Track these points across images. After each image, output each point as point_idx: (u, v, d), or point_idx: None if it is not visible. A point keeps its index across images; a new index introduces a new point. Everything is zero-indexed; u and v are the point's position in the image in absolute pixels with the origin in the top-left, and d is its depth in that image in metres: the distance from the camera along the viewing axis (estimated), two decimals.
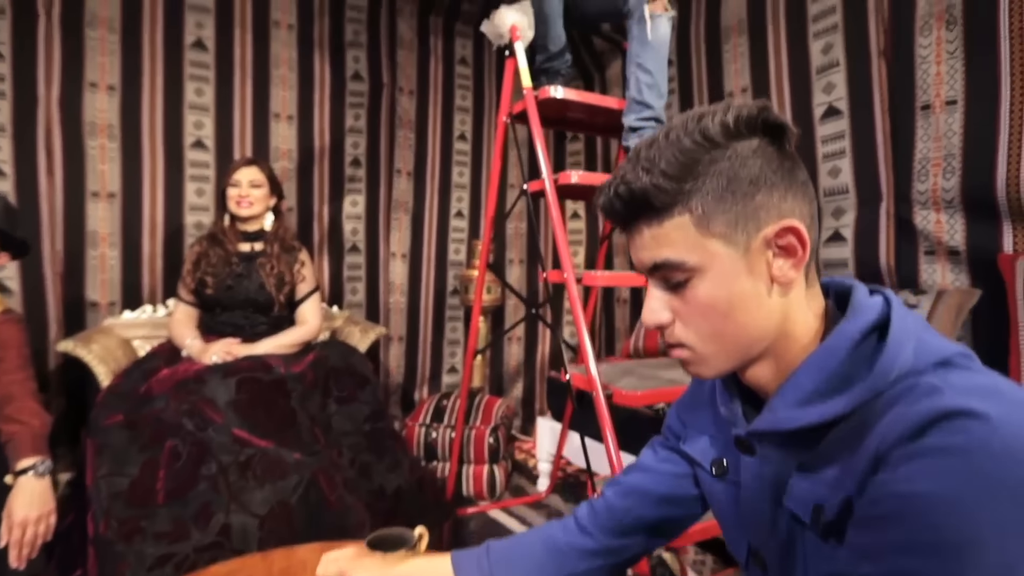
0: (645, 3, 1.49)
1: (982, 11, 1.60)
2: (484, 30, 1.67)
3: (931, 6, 1.71)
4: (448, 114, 3.04)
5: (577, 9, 1.69)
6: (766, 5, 2.16)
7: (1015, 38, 1.54)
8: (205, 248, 1.89)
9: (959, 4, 1.65)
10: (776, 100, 2.13)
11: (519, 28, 1.55)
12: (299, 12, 2.62)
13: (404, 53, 2.90)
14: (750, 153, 0.52)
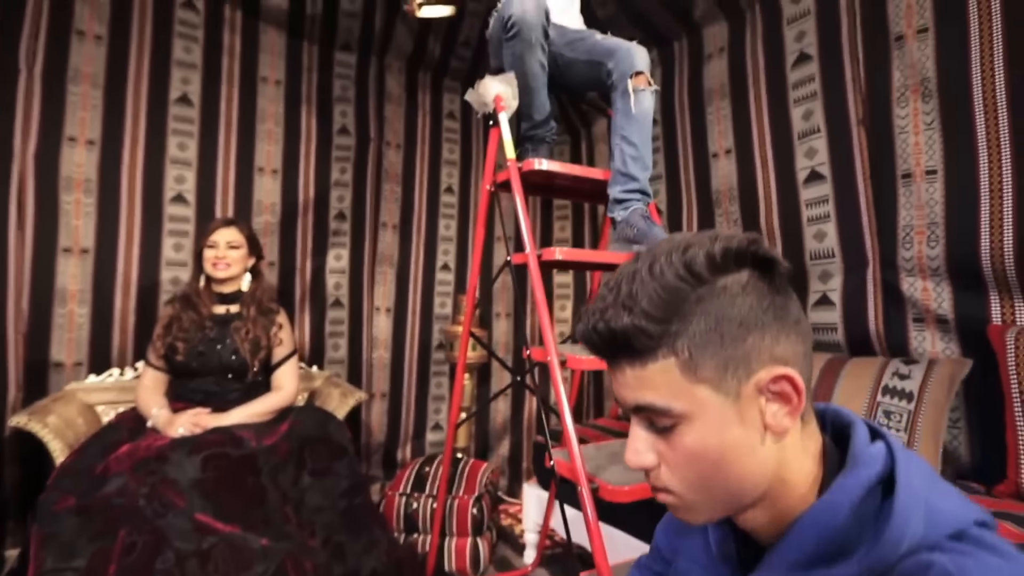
0: (628, 78, 1.50)
1: (955, 85, 1.64)
2: (468, 99, 1.67)
3: (906, 79, 1.75)
4: (435, 167, 3.04)
5: (562, 78, 1.70)
6: (747, 71, 2.21)
7: (989, 112, 1.57)
8: (177, 311, 1.82)
9: (933, 78, 1.69)
10: (760, 162, 2.16)
11: (503, 98, 1.55)
12: (287, 68, 2.64)
13: (392, 107, 2.92)
14: (739, 290, 0.49)
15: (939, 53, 1.68)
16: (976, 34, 1.60)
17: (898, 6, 1.77)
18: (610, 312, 0.49)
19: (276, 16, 2.57)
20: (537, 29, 1.49)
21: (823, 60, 1.96)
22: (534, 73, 1.56)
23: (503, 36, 1.53)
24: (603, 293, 0.52)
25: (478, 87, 1.61)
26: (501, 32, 1.54)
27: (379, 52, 2.86)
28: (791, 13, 2.07)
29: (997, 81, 1.56)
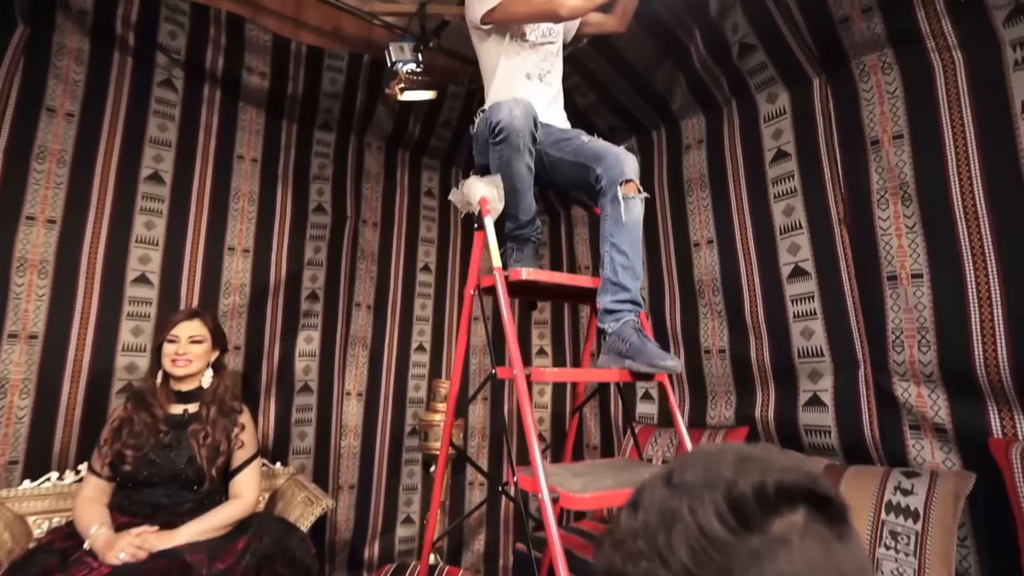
0: (618, 185, 1.49)
1: (934, 191, 1.67)
2: (452, 199, 1.63)
3: (885, 182, 1.78)
4: (412, 245, 2.98)
5: (547, 176, 1.68)
6: (726, 164, 2.24)
7: (970, 218, 1.60)
8: (129, 412, 1.66)
9: (912, 183, 1.72)
10: (742, 254, 2.15)
11: (489, 201, 1.51)
12: (265, 146, 2.59)
13: (370, 185, 2.89)
14: (798, 539, 0.41)
15: (915, 159, 1.72)
16: (950, 142, 1.65)
17: (872, 112, 1.83)
18: (643, 566, 0.41)
19: (256, 96, 2.55)
20: (526, 135, 1.47)
21: (801, 159, 2.00)
22: (521, 176, 1.53)
23: (490, 139, 1.51)
24: (628, 531, 0.43)
25: (463, 187, 1.57)
26: (488, 135, 1.52)
27: (359, 131, 2.85)
28: (767, 111, 2.12)
29: (976, 189, 1.59)
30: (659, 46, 2.24)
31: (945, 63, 1.68)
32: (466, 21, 1.86)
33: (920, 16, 1.71)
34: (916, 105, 1.73)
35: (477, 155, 1.74)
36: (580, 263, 2.86)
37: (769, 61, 2.04)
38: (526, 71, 1.78)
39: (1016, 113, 1.54)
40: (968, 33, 1.63)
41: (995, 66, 1.58)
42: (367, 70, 2.67)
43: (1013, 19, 1.56)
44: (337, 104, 2.71)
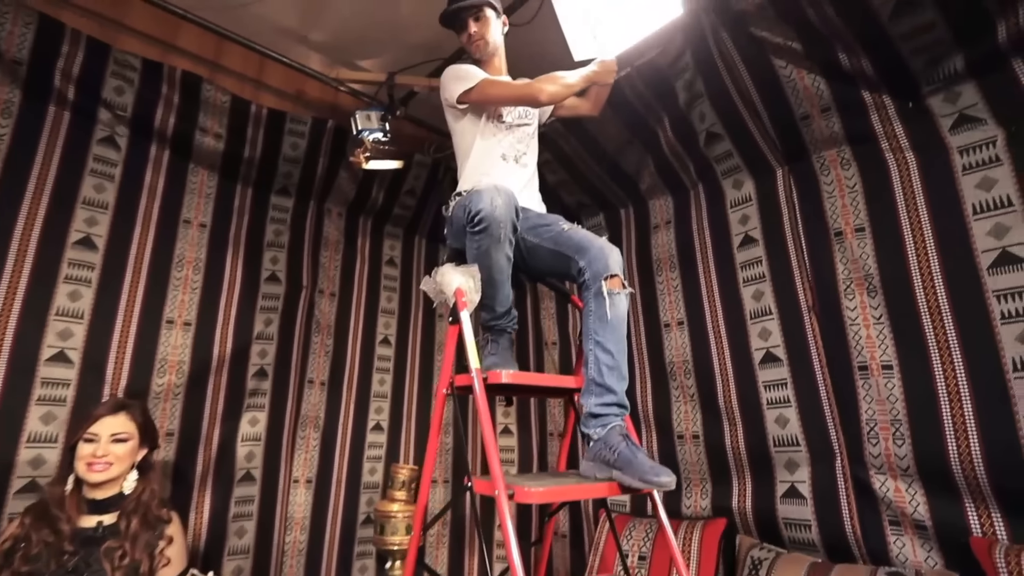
0: (603, 279, 1.44)
1: (898, 284, 1.72)
2: (425, 288, 1.53)
3: (850, 272, 1.83)
4: (371, 317, 2.83)
5: (524, 263, 1.61)
6: (694, 246, 2.27)
7: (933, 312, 1.64)
8: (26, 529, 1.40)
9: (876, 275, 1.77)
10: (713, 337, 2.14)
11: (465, 292, 1.42)
12: (216, 211, 2.43)
13: (328, 253, 2.75)
14: None
15: (878, 252, 1.78)
16: (910, 238, 1.71)
17: (834, 205, 1.90)
18: None
19: (209, 158, 2.41)
20: (507, 225, 1.41)
21: (768, 245, 2.04)
22: (500, 267, 1.46)
23: (468, 228, 1.44)
24: None
25: (436, 276, 1.48)
26: (466, 222, 1.45)
27: (319, 197, 2.74)
28: (734, 197, 2.18)
29: (937, 285, 1.64)
30: (629, 129, 2.29)
31: (899, 163, 1.77)
32: (441, 99, 1.82)
33: (874, 119, 1.81)
34: (875, 201, 1.80)
35: (451, 238, 1.66)
36: (547, 338, 2.79)
37: (735, 150, 2.11)
38: (502, 152, 1.75)
39: (968, 214, 1.62)
40: (918, 137, 1.74)
41: (945, 169, 1.68)
42: (330, 136, 2.59)
43: (958, 127, 1.68)
44: (297, 169, 2.60)
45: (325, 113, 2.69)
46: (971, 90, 1.65)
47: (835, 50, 1.76)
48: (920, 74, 1.70)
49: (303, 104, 2.73)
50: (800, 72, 1.86)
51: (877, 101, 1.80)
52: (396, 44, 2.60)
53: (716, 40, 1.93)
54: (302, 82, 2.68)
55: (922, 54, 1.65)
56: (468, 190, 1.58)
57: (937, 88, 1.70)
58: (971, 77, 1.63)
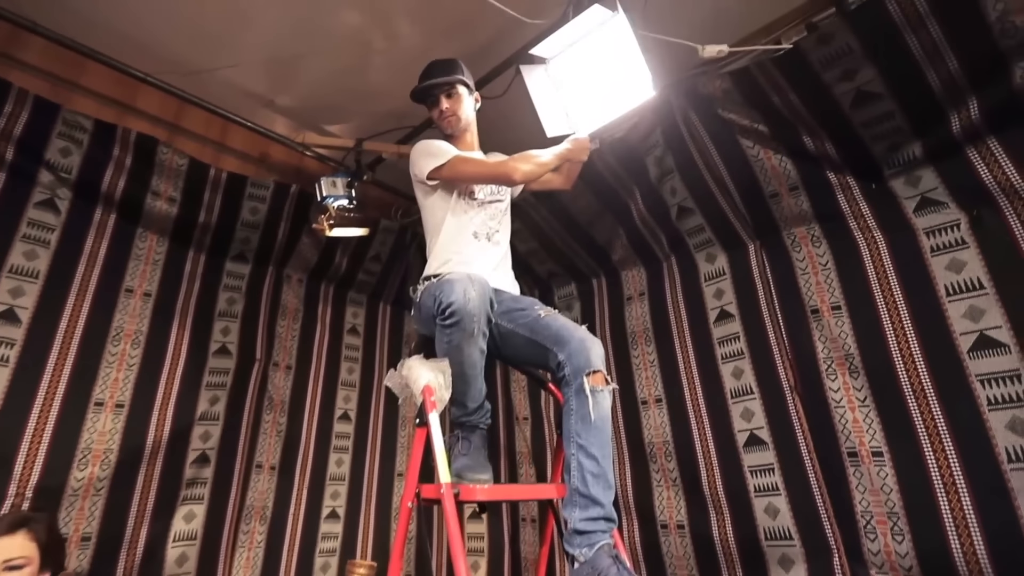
0: (585, 375, 1.30)
1: (879, 365, 1.68)
2: (389, 384, 1.40)
3: (830, 351, 1.79)
4: (330, 390, 2.64)
5: (497, 349, 1.50)
6: (669, 320, 2.22)
7: (919, 396, 1.60)
8: None
9: (857, 355, 1.73)
10: (694, 416, 2.05)
11: (434, 390, 1.28)
12: (163, 279, 2.25)
13: (286, 323, 2.58)
14: None
15: (856, 331, 1.75)
16: (887, 318, 1.70)
17: (808, 282, 1.88)
18: None
19: (160, 223, 2.26)
20: (481, 319, 1.31)
21: (745, 321, 2.01)
22: (472, 362, 1.34)
23: (438, 320, 1.33)
24: None
25: (402, 369, 1.35)
26: (436, 313, 1.34)
27: (278, 263, 2.60)
28: (707, 271, 2.16)
29: (919, 366, 1.61)
30: (600, 201, 2.27)
31: (869, 242, 1.78)
32: (410, 173, 1.75)
33: (840, 198, 1.84)
34: (849, 279, 1.80)
35: (419, 324, 1.55)
36: (518, 413, 2.65)
37: (706, 224, 2.11)
38: (473, 230, 1.67)
39: (941, 295, 1.62)
40: (885, 217, 1.76)
41: (914, 250, 1.69)
42: (294, 200, 2.49)
43: (921, 209, 1.70)
44: (256, 235, 2.47)
45: (289, 177, 2.60)
46: (930, 175, 1.69)
47: (800, 133, 1.80)
48: (881, 158, 1.74)
49: (267, 168, 2.64)
50: (767, 152, 1.89)
51: (842, 181, 1.83)
52: (365, 111, 2.57)
53: (685, 120, 1.96)
54: (266, 146, 2.60)
55: (882, 140, 1.70)
56: (438, 276, 1.48)
57: (898, 172, 1.74)
58: (929, 163, 1.68)
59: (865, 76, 1.57)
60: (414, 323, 1.59)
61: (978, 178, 1.59)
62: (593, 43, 1.80)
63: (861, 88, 1.60)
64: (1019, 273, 1.51)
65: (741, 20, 2.00)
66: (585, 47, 1.82)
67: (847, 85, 1.61)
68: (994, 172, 1.57)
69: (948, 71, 1.49)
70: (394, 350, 2.90)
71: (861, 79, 1.58)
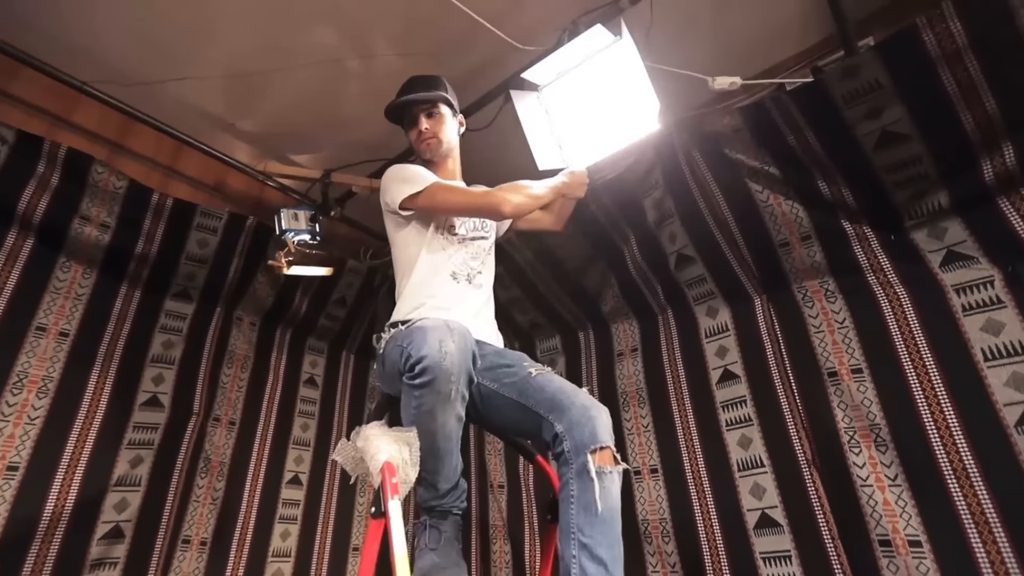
0: (588, 453, 1.05)
1: (911, 438, 1.48)
2: (338, 458, 1.13)
3: (852, 420, 1.58)
4: (280, 450, 2.31)
5: (475, 411, 1.24)
6: (666, 379, 1.99)
7: (960, 476, 1.39)
8: None
9: (883, 425, 1.53)
10: (695, 492, 1.80)
11: (397, 469, 1.01)
12: (86, 316, 1.93)
13: (232, 371, 2.26)
14: None
15: (881, 398, 1.55)
16: (916, 384, 1.50)
17: (824, 341, 1.69)
18: None
19: (88, 252, 1.96)
20: (460, 379, 1.06)
21: (753, 383, 1.79)
22: (447, 433, 1.08)
23: (406, 378, 1.08)
24: None
25: (357, 440, 1.09)
26: (402, 368, 1.09)
27: (228, 303, 2.30)
28: (708, 326, 1.96)
29: (957, 442, 1.41)
30: (592, 245, 2.08)
31: (891, 298, 1.61)
32: (381, 203, 1.53)
33: (857, 250, 1.68)
34: (870, 339, 1.61)
35: (382, 381, 1.29)
36: (492, 480, 2.35)
37: (708, 275, 1.92)
38: (452, 270, 1.44)
39: (978, 360, 1.44)
40: (908, 271, 1.60)
41: (943, 308, 1.52)
42: (250, 234, 2.23)
43: (949, 264, 1.55)
44: (204, 270, 2.18)
45: (247, 209, 2.35)
46: (957, 226, 1.54)
47: (814, 178, 1.65)
48: (903, 207, 1.59)
49: (222, 197, 2.39)
50: (777, 197, 1.73)
51: (859, 232, 1.67)
52: (335, 140, 2.37)
53: (688, 159, 1.80)
54: (223, 173, 2.35)
55: (905, 187, 1.56)
56: (407, 323, 1.23)
57: (921, 222, 1.59)
58: (957, 213, 1.53)
59: (892, 115, 1.43)
60: (376, 379, 1.33)
61: (1012, 230, 1.45)
62: (592, 69, 1.65)
63: (887, 128, 1.46)
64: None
65: (745, 60, 1.89)
66: (583, 74, 1.67)
67: (871, 124, 1.47)
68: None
69: (985, 111, 1.36)
70: (356, 405, 2.59)
71: (887, 118, 1.44)
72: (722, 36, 1.91)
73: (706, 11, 1.86)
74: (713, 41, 1.93)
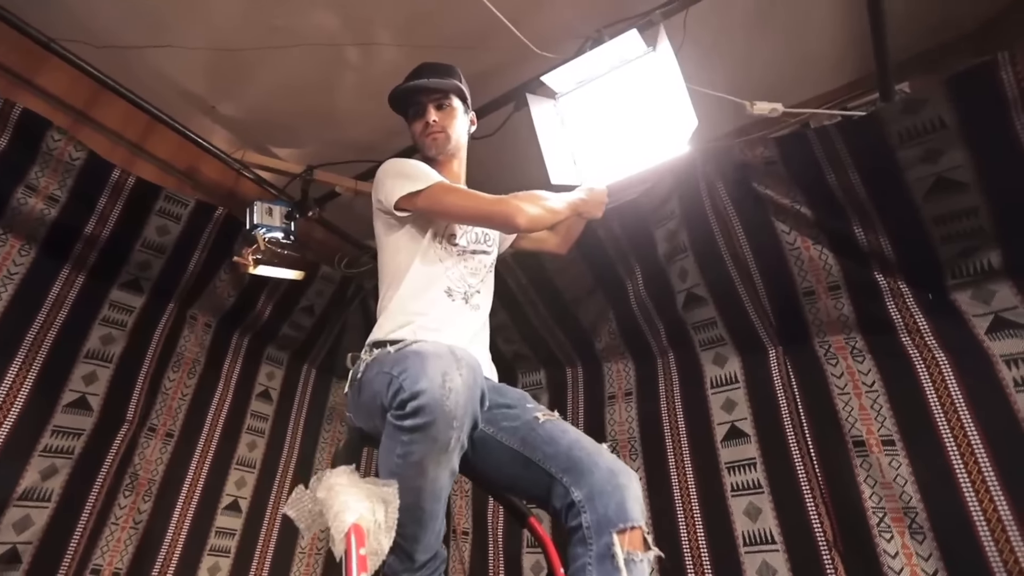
0: (614, 532, 0.85)
1: (954, 527, 1.28)
2: (291, 512, 0.89)
3: (882, 499, 1.38)
4: (220, 470, 2.04)
5: (465, 461, 1.01)
6: (663, 430, 1.78)
7: (1012, 574, 1.19)
8: None
9: (921, 509, 1.33)
10: (691, 562, 1.57)
11: (367, 534, 0.77)
12: (14, 299, 1.69)
13: (178, 376, 2.01)
14: None
15: (917, 476, 1.36)
16: (960, 466, 1.31)
17: (849, 405, 1.50)
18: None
19: (29, 226, 1.73)
20: (465, 424, 0.84)
21: (764, 444, 1.59)
22: (436, 492, 0.86)
23: (394, 416, 0.85)
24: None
25: (317, 489, 0.85)
26: (389, 402, 0.86)
27: (183, 298, 2.06)
28: (714, 375, 1.76)
29: (1011, 535, 1.21)
30: (594, 275, 1.90)
31: (928, 363, 1.44)
32: (372, 200, 1.33)
33: (890, 305, 1.51)
34: (904, 406, 1.43)
35: (355, 412, 1.07)
36: (456, 525, 2.09)
37: (719, 318, 1.74)
38: (447, 285, 1.22)
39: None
40: (949, 335, 1.43)
41: (991, 381, 1.35)
42: (218, 226, 2.01)
43: (997, 331, 1.38)
44: (160, 260, 1.95)
45: (219, 199, 2.13)
46: (1007, 290, 1.39)
47: (851, 222, 1.49)
48: (947, 263, 1.44)
49: (192, 184, 2.17)
50: (806, 241, 1.57)
51: (893, 286, 1.51)
52: (323, 136, 2.18)
53: (710, 189, 1.64)
54: (197, 157, 2.14)
55: (954, 242, 1.40)
56: (397, 343, 1.02)
57: (965, 283, 1.43)
58: (1008, 275, 1.38)
59: (952, 160, 1.28)
60: (349, 409, 1.10)
61: None
62: (619, 81, 1.49)
63: (943, 174, 1.31)
64: None
65: (773, 92, 1.75)
66: (608, 84, 1.50)
67: (927, 169, 1.32)
68: None
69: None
70: (312, 426, 2.33)
71: (946, 163, 1.29)
72: (752, 64, 1.78)
73: (740, 34, 1.72)
74: (744, 68, 1.80)
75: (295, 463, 2.21)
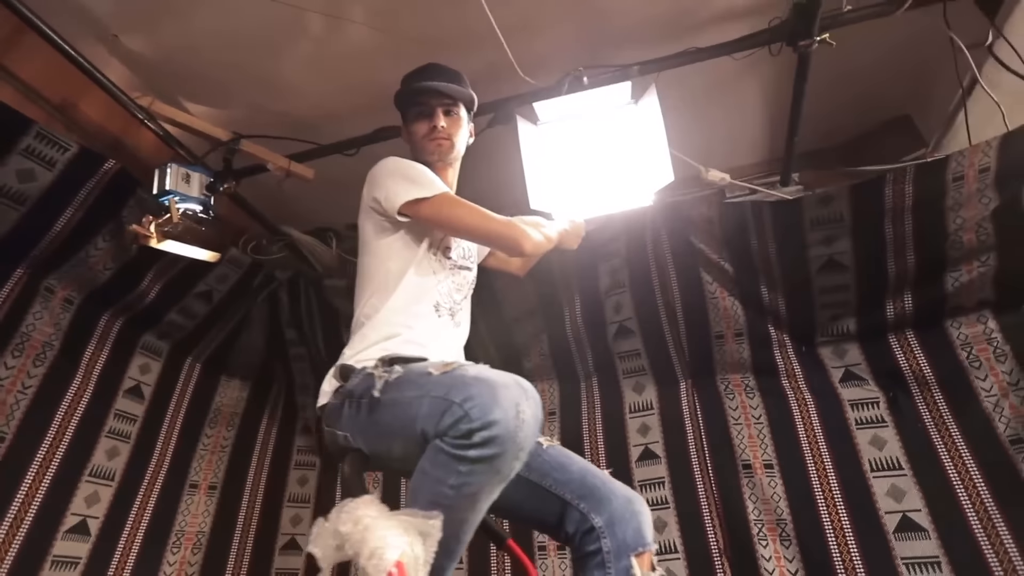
0: (632, 554, 0.90)
1: (811, 534, 1.61)
2: (315, 549, 0.78)
3: (762, 513, 1.68)
4: (68, 482, 1.63)
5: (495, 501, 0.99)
6: (584, 447, 1.92)
7: (850, 573, 1.54)
8: None
9: (789, 520, 1.65)
10: None
11: (408, 570, 0.72)
12: None
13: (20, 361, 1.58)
14: None
15: (788, 494, 1.68)
16: (818, 485, 1.66)
17: (741, 433, 1.80)
18: None
19: None
20: (523, 452, 0.82)
21: (672, 464, 1.82)
22: (476, 524, 0.84)
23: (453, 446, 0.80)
24: None
25: (339, 522, 0.76)
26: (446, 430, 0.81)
27: (39, 264, 1.64)
28: (633, 401, 1.96)
29: (850, 543, 1.57)
30: (538, 298, 1.98)
31: (800, 403, 1.80)
32: (366, 197, 1.23)
33: (776, 353, 1.86)
34: (781, 437, 1.76)
35: (360, 432, 0.98)
36: None
37: (644, 350, 1.95)
38: (436, 300, 1.19)
39: (867, 470, 1.66)
40: (815, 381, 1.81)
41: (841, 419, 1.74)
42: (104, 182, 1.65)
43: (846, 381, 1.79)
44: (15, 213, 1.53)
45: (108, 149, 1.75)
46: (855, 350, 1.81)
47: (759, 282, 1.81)
48: (820, 324, 1.82)
49: (66, 121, 1.74)
50: (723, 292, 1.85)
51: (779, 337, 1.86)
52: (254, 101, 1.93)
53: (655, 237, 1.85)
54: (85, 91, 1.72)
55: (829, 309, 1.78)
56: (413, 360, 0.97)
57: (829, 341, 1.83)
58: (857, 340, 1.80)
59: (841, 246, 1.65)
60: (341, 427, 1.01)
61: (895, 363, 1.74)
62: (600, 125, 1.60)
63: (833, 256, 1.67)
64: (931, 461, 1.61)
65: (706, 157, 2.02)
66: (588, 126, 1.60)
67: (823, 249, 1.67)
68: (909, 361, 1.72)
69: (905, 264, 1.63)
70: (191, 432, 2.00)
71: (837, 248, 1.65)
72: (698, 130, 2.03)
73: (694, 103, 1.94)
74: (694, 132, 2.03)
75: (164, 474, 1.87)
